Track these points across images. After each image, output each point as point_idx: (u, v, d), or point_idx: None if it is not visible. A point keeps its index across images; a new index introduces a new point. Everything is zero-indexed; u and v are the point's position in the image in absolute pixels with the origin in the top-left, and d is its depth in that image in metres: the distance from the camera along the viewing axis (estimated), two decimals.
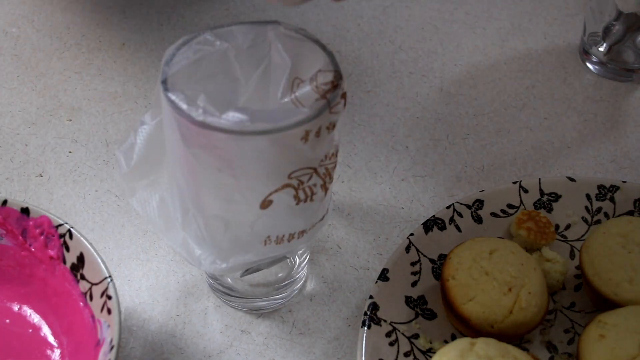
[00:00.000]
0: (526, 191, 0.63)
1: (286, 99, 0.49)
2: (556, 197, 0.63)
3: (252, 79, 0.51)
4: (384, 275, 0.57)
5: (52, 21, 0.81)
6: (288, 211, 0.48)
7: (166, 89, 0.46)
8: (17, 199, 0.59)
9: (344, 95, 0.47)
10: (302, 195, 0.48)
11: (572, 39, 0.81)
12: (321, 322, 0.59)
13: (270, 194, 0.47)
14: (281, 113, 0.46)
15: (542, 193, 0.63)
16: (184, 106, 0.45)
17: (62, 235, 0.55)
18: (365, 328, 0.54)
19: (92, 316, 0.53)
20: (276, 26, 0.50)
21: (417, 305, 0.58)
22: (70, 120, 0.72)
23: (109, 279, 0.53)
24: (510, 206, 0.62)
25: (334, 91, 0.46)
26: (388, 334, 0.55)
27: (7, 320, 0.56)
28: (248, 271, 0.55)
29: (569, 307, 0.59)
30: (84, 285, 0.54)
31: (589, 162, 0.70)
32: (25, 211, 0.56)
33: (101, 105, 0.73)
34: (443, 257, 0.60)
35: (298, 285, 0.60)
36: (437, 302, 0.58)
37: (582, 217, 0.63)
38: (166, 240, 0.53)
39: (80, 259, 0.54)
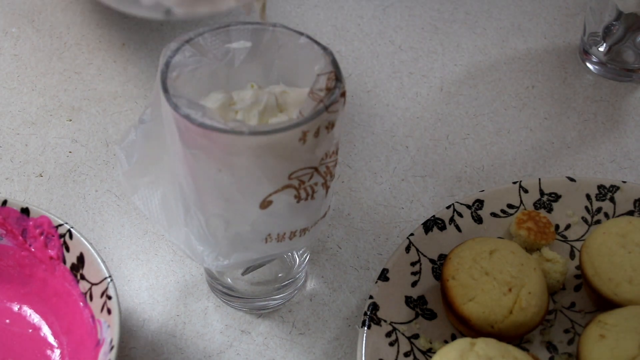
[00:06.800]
0: (526, 191, 0.63)
1: None
2: (556, 197, 0.63)
3: (252, 79, 0.51)
4: (384, 275, 0.57)
5: (52, 21, 0.81)
6: (289, 210, 0.48)
7: (165, 90, 0.46)
8: (17, 199, 0.59)
9: (343, 94, 0.47)
10: (303, 194, 0.48)
11: (572, 39, 0.81)
12: (321, 322, 0.59)
13: (270, 195, 0.47)
14: None
15: (542, 193, 0.63)
16: (183, 107, 0.45)
17: (62, 235, 0.55)
18: (365, 328, 0.54)
19: (92, 316, 0.53)
20: (275, 27, 0.50)
21: (417, 305, 0.58)
22: (70, 120, 0.72)
23: (109, 279, 0.53)
24: (510, 206, 0.62)
25: (331, 92, 0.46)
26: (388, 334, 0.55)
27: (7, 320, 0.56)
28: (250, 269, 0.55)
29: (569, 307, 0.59)
30: (84, 286, 0.54)
31: (589, 162, 0.70)
32: (25, 211, 0.56)
33: (101, 105, 0.73)
34: (443, 257, 0.60)
35: (298, 285, 0.60)
36: (437, 302, 0.58)
37: (582, 217, 0.63)
38: (169, 237, 0.53)
39: (80, 259, 0.54)
